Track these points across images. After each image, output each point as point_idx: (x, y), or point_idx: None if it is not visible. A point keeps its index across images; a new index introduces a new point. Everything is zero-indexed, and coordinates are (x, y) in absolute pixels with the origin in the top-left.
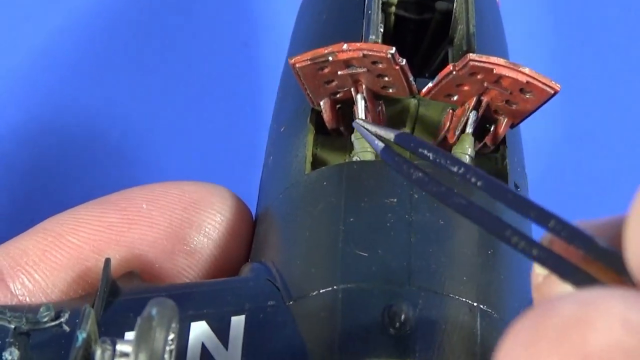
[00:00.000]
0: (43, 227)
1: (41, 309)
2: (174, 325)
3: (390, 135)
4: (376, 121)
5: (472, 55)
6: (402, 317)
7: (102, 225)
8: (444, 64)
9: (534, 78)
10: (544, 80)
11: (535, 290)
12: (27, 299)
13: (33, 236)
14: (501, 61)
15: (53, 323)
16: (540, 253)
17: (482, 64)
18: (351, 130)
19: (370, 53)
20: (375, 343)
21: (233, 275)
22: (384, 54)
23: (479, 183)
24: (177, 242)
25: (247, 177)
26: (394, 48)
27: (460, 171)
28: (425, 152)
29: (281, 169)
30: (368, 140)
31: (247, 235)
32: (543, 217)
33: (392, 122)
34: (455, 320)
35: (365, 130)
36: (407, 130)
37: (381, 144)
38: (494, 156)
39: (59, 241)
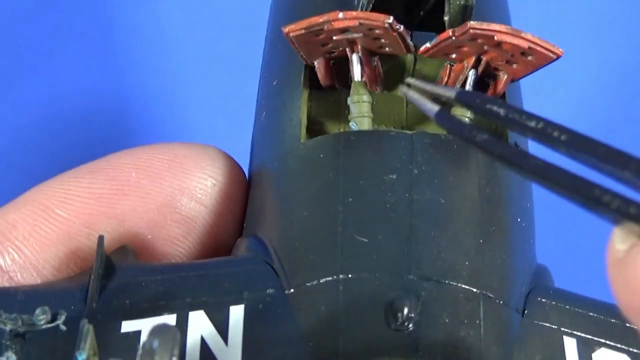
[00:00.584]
0: (32, 199)
1: (37, 311)
2: (175, 352)
3: (449, 93)
4: (372, 76)
5: (472, 23)
6: (405, 313)
7: (91, 197)
8: (440, 5)
9: (536, 43)
10: (546, 46)
11: (613, 265)
12: (18, 275)
13: (21, 208)
14: (502, 28)
15: (49, 325)
16: None
17: (482, 32)
18: (346, 85)
19: (366, 22)
20: (377, 341)
21: (228, 242)
22: (381, 23)
23: (563, 137)
24: (168, 212)
25: (238, 133)
26: (391, 17)
27: (540, 126)
28: (495, 108)
29: (275, 131)
30: (417, 104)
31: (241, 198)
32: None
33: (388, 77)
34: (458, 311)
35: (413, 94)
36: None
37: (434, 107)
38: None
39: (48, 215)
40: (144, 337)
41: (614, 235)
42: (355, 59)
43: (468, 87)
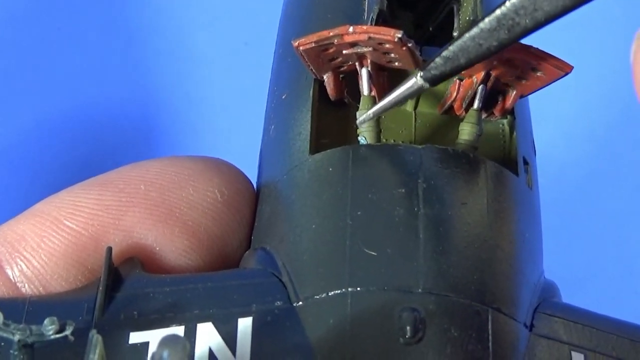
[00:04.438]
0: (40, 210)
1: (45, 322)
2: None
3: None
4: (381, 91)
5: None
6: (413, 327)
7: (100, 209)
8: (449, 20)
9: (545, 59)
10: (556, 62)
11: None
12: (26, 286)
13: (30, 220)
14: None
15: (58, 335)
16: None
17: None
18: (354, 98)
19: (376, 36)
20: (387, 354)
21: (235, 254)
22: (391, 37)
23: None
24: (176, 224)
25: (246, 144)
26: (401, 32)
27: None
28: None
29: (284, 144)
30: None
31: (248, 210)
32: None
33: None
34: (466, 325)
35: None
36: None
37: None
38: (501, 125)
39: (57, 226)
40: (152, 348)
41: None
42: (364, 73)
43: (477, 102)
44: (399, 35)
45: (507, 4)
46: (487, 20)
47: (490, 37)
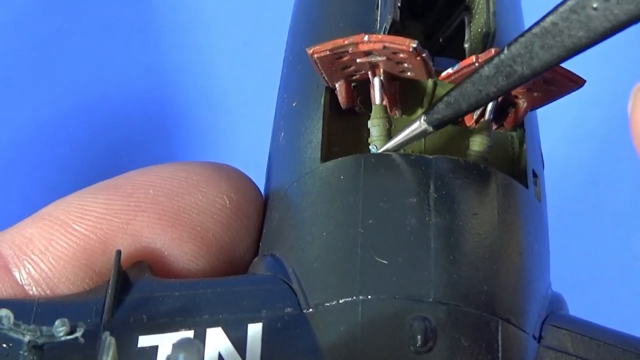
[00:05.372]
0: (48, 214)
1: (56, 323)
2: None
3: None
4: (392, 101)
5: (497, 49)
6: (424, 336)
7: (108, 213)
8: (460, 32)
9: (558, 73)
10: (568, 75)
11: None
12: (33, 289)
13: (38, 223)
14: None
15: (69, 337)
16: None
17: None
18: (366, 108)
19: (392, 46)
20: None
21: (243, 259)
22: (406, 47)
23: None
24: (184, 229)
25: (255, 152)
26: (416, 41)
27: None
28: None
29: (294, 152)
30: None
31: (257, 216)
32: None
33: (408, 100)
34: (476, 336)
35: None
36: (422, 111)
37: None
38: (510, 137)
39: (65, 230)
40: (162, 352)
41: None
42: (377, 82)
43: (488, 113)
44: (414, 45)
45: (505, 51)
46: (486, 67)
47: (489, 83)
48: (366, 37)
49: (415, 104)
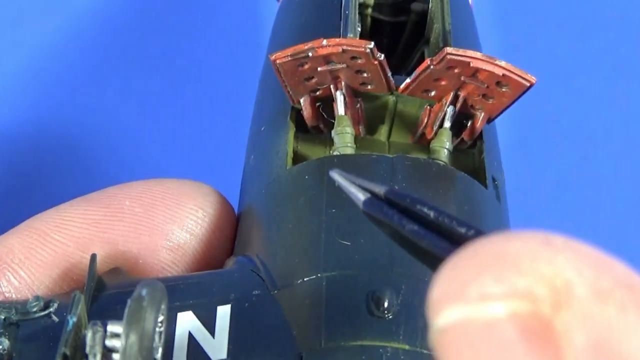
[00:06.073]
0: (28, 225)
1: (30, 299)
2: (163, 307)
3: (378, 189)
4: (355, 118)
5: (449, 49)
6: (386, 301)
7: (86, 223)
8: (421, 62)
9: (510, 71)
10: (519, 73)
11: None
12: (14, 296)
13: (18, 234)
14: (478, 54)
15: (42, 313)
16: None
17: (459, 57)
18: (331, 127)
19: (349, 48)
20: (359, 327)
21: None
22: (362, 49)
23: None
24: (160, 238)
25: (229, 175)
26: (372, 43)
27: (470, 234)
28: (425, 210)
29: (262, 166)
30: (346, 191)
31: (230, 231)
32: None
33: (370, 119)
34: None
35: (343, 181)
36: (384, 129)
37: (362, 195)
38: (472, 152)
39: (44, 239)
40: None
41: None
42: (339, 95)
43: (447, 122)
44: (370, 47)
45: None
46: None
47: None
48: (325, 42)
49: (377, 122)
